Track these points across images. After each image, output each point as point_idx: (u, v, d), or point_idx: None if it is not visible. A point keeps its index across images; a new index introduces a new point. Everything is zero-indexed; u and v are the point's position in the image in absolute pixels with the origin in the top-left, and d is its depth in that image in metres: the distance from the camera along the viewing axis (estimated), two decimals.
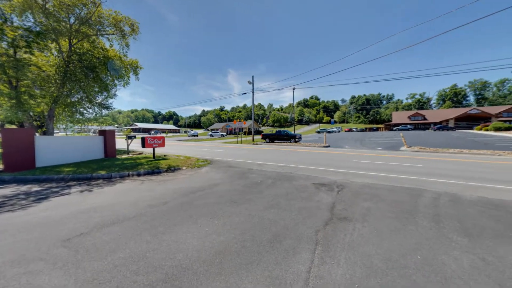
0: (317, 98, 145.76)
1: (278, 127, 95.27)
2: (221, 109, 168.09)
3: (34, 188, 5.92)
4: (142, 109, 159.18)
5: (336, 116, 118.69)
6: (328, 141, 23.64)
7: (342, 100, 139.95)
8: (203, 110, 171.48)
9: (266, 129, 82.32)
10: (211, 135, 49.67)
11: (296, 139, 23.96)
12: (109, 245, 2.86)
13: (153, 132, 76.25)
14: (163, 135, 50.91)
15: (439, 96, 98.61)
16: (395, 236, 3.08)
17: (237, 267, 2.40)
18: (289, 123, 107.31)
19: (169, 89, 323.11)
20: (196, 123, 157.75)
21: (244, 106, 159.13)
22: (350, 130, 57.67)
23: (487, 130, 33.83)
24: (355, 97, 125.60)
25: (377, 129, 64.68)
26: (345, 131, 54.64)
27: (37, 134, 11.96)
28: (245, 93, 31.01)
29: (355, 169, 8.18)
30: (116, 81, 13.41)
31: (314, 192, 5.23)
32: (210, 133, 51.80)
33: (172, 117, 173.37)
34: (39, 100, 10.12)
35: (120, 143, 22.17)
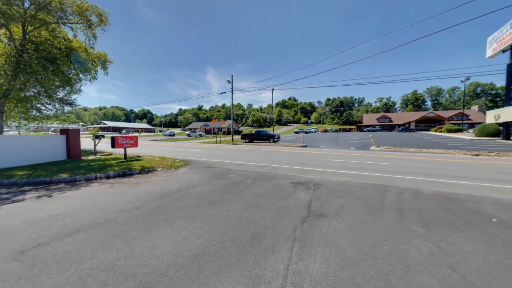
0: (295, 100, 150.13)
1: (258, 127, 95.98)
2: (199, 108, 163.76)
3: None
4: (112, 107, 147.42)
5: (312, 117, 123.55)
6: (306, 141, 24.50)
7: (318, 102, 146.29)
8: (180, 109, 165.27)
9: (245, 129, 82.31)
10: (189, 135, 48.09)
11: (275, 139, 24.38)
12: (73, 255, 2.60)
13: (124, 131, 71.12)
14: (136, 134, 47.76)
15: (403, 101, 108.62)
16: (366, 229, 3.31)
17: (216, 269, 2.36)
18: (268, 123, 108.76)
19: (143, 86, 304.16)
20: (172, 122, 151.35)
21: (223, 106, 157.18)
22: (325, 131, 60.50)
23: (441, 131, 38.17)
24: (330, 99, 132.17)
25: (350, 130, 68.90)
26: (321, 132, 57.17)
27: None
28: (224, 93, 30.67)
29: (330, 168, 8.60)
30: (81, 75, 12.23)
31: (292, 191, 5.38)
32: (187, 132, 50.11)
33: (146, 116, 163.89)
34: None
35: (86, 143, 20.32)
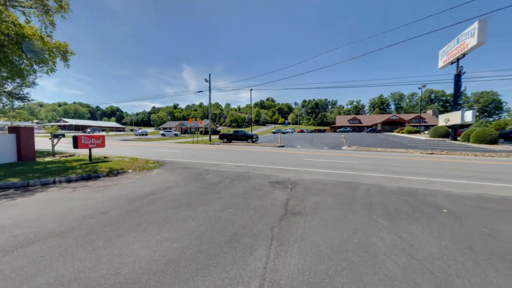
0: (272, 100, 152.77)
1: (236, 127, 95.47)
2: (175, 107, 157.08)
3: None
4: (74, 103, 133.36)
5: (289, 118, 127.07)
6: (283, 141, 25.09)
7: (295, 103, 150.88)
8: (154, 107, 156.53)
9: (223, 129, 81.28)
10: (163, 135, 45.81)
11: (253, 139, 24.52)
12: (25, 270, 2.29)
13: (89, 130, 64.90)
14: (103, 133, 43.85)
15: (371, 104, 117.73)
16: (338, 224, 3.52)
17: (193, 273, 2.29)
18: (246, 124, 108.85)
19: (112, 81, 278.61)
20: (145, 121, 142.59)
21: (201, 105, 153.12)
22: (302, 131, 62.70)
23: (402, 132, 42.28)
24: (306, 101, 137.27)
25: (324, 131, 72.42)
26: (298, 132, 59.11)
27: None
28: (202, 91, 29.85)
29: (306, 167, 8.94)
30: (36, 66, 10.83)
31: (270, 190, 5.46)
32: (162, 132, 47.68)
33: (114, 114, 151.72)
34: None
35: (43, 143, 18.10)
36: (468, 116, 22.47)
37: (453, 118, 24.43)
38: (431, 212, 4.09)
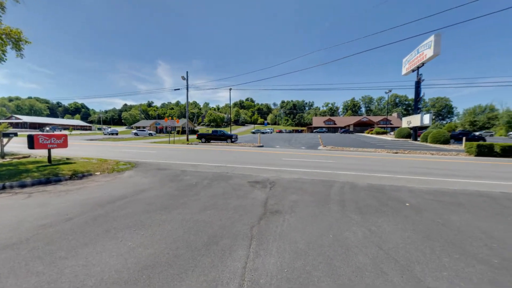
0: (252, 101, 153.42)
1: (215, 127, 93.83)
2: (149, 105, 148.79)
3: None
4: (30, 98, 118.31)
5: (269, 118, 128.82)
6: (262, 141, 25.34)
7: (274, 104, 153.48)
8: (125, 105, 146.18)
9: (202, 129, 79.25)
10: (136, 134, 43.09)
11: (233, 139, 24.33)
12: None
13: (48, 128, 58.11)
14: (65, 132, 39.63)
15: (344, 106, 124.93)
16: (315, 221, 3.66)
17: (169, 278, 2.19)
18: (225, 123, 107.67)
19: (77, 75, 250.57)
20: (115, 119, 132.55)
21: (177, 103, 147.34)
22: (280, 132, 63.98)
23: (372, 133, 45.66)
24: (284, 102, 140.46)
25: (302, 131, 74.86)
26: (277, 132, 60.21)
27: None
28: (179, 89, 28.74)
29: (285, 166, 9.15)
30: None
31: (250, 190, 5.48)
32: (134, 131, 44.79)
33: (79, 111, 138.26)
34: None
35: None
36: (426, 119, 25.11)
37: (414, 120, 27.08)
38: (396, 206, 4.48)
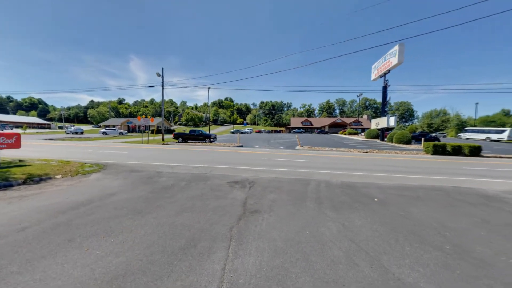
0: (231, 100, 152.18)
1: (193, 127, 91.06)
2: (120, 102, 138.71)
3: None
4: None
5: (248, 118, 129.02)
6: (241, 141, 25.29)
7: (253, 104, 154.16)
8: (92, 101, 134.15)
9: (178, 128, 76.32)
10: (105, 133, 39.82)
11: (211, 139, 23.86)
12: None
13: None
14: (18, 130, 34.81)
15: (320, 108, 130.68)
16: (292, 219, 3.77)
17: (142, 287, 2.07)
18: (204, 123, 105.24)
19: (33, 67, 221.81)
20: (80, 117, 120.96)
21: (152, 101, 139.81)
22: (259, 132, 64.51)
23: (345, 134, 48.49)
24: (264, 102, 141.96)
25: (280, 132, 76.43)
26: (256, 133, 60.59)
27: None
28: (153, 86, 27.24)
29: (264, 166, 9.25)
30: None
31: (229, 190, 5.43)
32: (103, 130, 41.31)
33: (36, 107, 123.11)
34: None
35: None
36: (392, 121, 27.47)
37: (382, 122, 29.42)
38: (366, 201, 4.82)
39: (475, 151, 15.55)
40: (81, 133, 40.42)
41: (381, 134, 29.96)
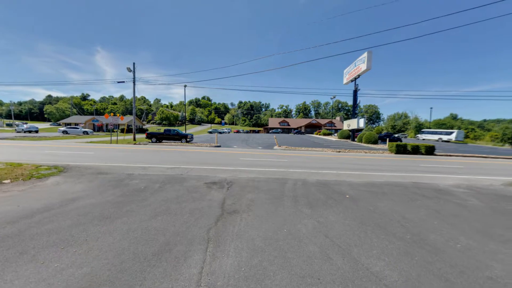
0: (209, 99, 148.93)
1: (167, 126, 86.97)
2: (84, 98, 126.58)
3: None
4: None
5: (226, 118, 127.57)
6: (219, 141, 24.90)
7: (232, 104, 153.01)
8: (50, 96, 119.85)
9: (152, 127, 72.24)
10: (66, 132, 35.94)
11: (188, 139, 23.07)
12: None
13: None
14: None
15: (297, 109, 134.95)
16: (271, 218, 3.83)
17: None
18: (180, 122, 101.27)
19: None
20: (34, 113, 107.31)
21: (122, 98, 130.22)
22: (238, 132, 64.24)
23: (320, 134, 50.83)
24: (242, 102, 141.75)
25: (258, 132, 77.13)
26: (234, 132, 60.21)
27: None
28: (123, 82, 25.38)
29: (242, 166, 9.24)
30: None
31: (206, 192, 5.30)
32: (63, 128, 37.22)
33: None
34: None
35: None
36: (361, 123, 29.60)
37: (352, 124, 31.51)
38: (339, 198, 5.11)
39: (430, 150, 17.54)
40: (36, 131, 35.85)
41: (352, 134, 32.06)
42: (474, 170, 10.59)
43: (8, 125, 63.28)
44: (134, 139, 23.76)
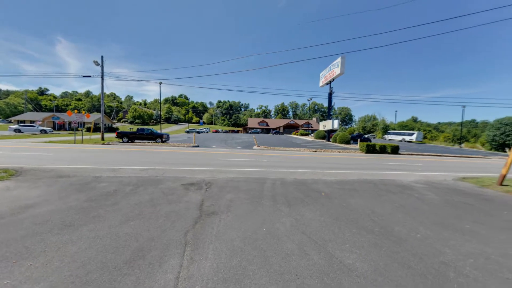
0: (186, 98, 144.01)
1: (141, 125, 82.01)
2: (42, 92, 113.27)
3: None
4: None
5: (204, 117, 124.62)
6: (197, 141, 24.23)
7: (210, 103, 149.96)
8: None
9: (123, 126, 67.39)
10: (18, 130, 31.77)
11: (164, 139, 22.01)
12: None
13: None
14: None
15: (275, 110, 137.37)
16: (250, 217, 3.84)
17: None
18: (154, 121, 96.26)
19: None
20: None
21: (88, 94, 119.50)
22: (217, 132, 63.24)
23: (298, 135, 52.44)
24: (221, 101, 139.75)
25: (238, 132, 76.80)
26: (213, 132, 59.14)
27: None
28: (90, 76, 23.26)
29: (221, 167, 9.11)
30: None
31: (183, 193, 5.12)
32: (15, 126, 32.83)
33: None
34: None
35: None
36: (336, 124, 31.26)
37: (328, 125, 33.11)
38: (315, 196, 5.32)
39: (395, 149, 19.22)
40: None
41: (327, 135, 33.66)
42: (431, 167, 11.88)
43: None
44: (103, 138, 21.94)
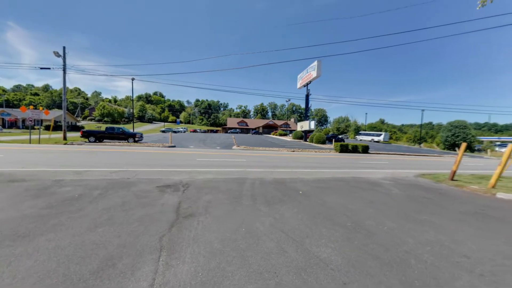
0: (161, 95, 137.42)
1: (111, 123, 76.06)
2: None
3: None
4: None
5: (181, 116, 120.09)
6: (174, 141, 23.26)
7: (188, 102, 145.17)
8: None
9: (90, 124, 61.87)
10: None
11: (136, 139, 20.72)
12: None
13: None
14: None
15: (255, 110, 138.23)
16: (229, 218, 3.80)
17: None
18: (126, 120, 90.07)
19: None
20: None
21: (47, 88, 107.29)
22: (195, 131, 61.46)
23: (276, 135, 53.42)
24: (199, 100, 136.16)
25: (217, 131, 75.57)
26: (191, 132, 57.33)
27: None
28: (49, 69, 20.86)
29: (200, 167, 8.87)
30: None
31: (158, 196, 4.88)
32: None
33: None
34: None
35: None
36: (312, 124, 32.55)
37: (305, 125, 34.33)
38: (293, 194, 5.48)
39: (365, 149, 20.67)
40: None
41: (305, 135, 34.87)
42: (396, 165, 13.03)
43: None
44: (65, 138, 19.87)
